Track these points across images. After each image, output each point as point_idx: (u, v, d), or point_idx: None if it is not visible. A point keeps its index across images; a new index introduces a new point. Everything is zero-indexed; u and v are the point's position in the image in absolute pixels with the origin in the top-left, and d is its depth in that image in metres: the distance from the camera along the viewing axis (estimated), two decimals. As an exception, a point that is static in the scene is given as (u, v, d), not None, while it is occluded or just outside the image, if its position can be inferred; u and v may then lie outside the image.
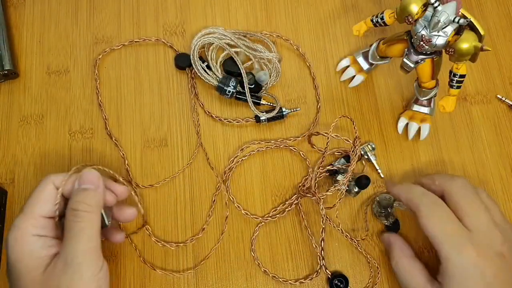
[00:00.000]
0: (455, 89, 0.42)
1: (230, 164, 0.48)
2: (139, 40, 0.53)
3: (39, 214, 0.36)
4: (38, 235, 0.36)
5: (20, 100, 0.51)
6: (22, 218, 0.36)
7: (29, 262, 0.35)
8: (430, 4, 0.38)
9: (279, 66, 0.51)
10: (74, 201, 0.37)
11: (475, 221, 0.39)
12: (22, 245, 0.35)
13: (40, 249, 0.35)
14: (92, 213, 0.36)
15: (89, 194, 0.37)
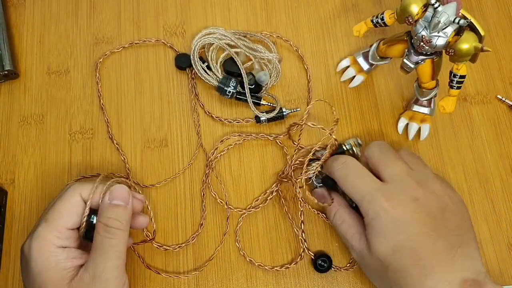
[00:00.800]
0: (455, 89, 0.42)
1: (210, 156, 0.49)
2: (139, 41, 0.53)
3: (64, 226, 0.36)
4: (62, 246, 0.35)
5: (20, 100, 0.51)
6: (46, 228, 0.35)
7: (54, 274, 0.34)
8: (430, 5, 0.38)
9: (279, 67, 0.51)
10: (105, 217, 0.36)
11: (389, 172, 0.41)
12: (47, 256, 0.35)
13: (65, 260, 0.35)
14: (123, 230, 0.36)
15: (120, 211, 0.37)
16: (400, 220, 0.38)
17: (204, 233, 0.46)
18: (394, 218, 0.38)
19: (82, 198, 0.37)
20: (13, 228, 0.47)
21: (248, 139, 0.49)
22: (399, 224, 0.38)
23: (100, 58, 0.52)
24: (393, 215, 0.38)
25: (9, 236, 0.46)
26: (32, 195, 0.48)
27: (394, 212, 0.38)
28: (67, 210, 0.37)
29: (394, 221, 0.38)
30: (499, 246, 0.46)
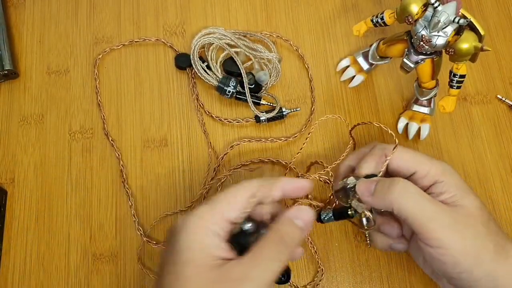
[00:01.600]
0: (455, 89, 0.42)
1: (219, 162, 0.48)
2: (139, 40, 0.53)
3: (224, 215, 0.34)
4: (214, 232, 0.33)
5: (20, 100, 0.51)
6: (207, 210, 0.34)
7: (200, 255, 0.33)
8: (430, 4, 0.38)
9: (279, 66, 0.51)
10: (284, 230, 0.34)
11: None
12: (199, 236, 0.33)
13: (214, 247, 0.33)
14: (291, 251, 0.34)
15: (298, 233, 0.35)
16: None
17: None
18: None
19: (250, 194, 0.35)
20: (12, 228, 0.47)
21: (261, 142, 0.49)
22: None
23: (99, 54, 0.52)
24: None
25: (9, 236, 0.46)
26: (32, 194, 0.48)
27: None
28: (232, 202, 0.35)
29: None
30: (499, 246, 0.46)
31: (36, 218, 0.47)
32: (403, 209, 0.34)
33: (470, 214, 0.34)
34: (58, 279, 0.45)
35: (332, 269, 0.45)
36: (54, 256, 0.46)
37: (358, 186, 0.37)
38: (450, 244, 0.33)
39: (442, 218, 0.33)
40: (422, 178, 0.36)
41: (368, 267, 0.46)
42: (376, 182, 0.36)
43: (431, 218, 0.33)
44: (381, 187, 0.35)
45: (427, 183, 0.36)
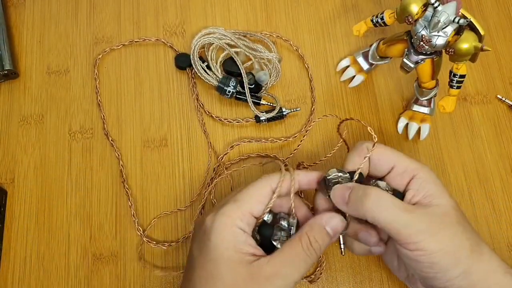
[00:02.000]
0: (455, 89, 0.42)
1: (219, 162, 0.48)
2: (139, 40, 0.53)
3: (249, 211, 0.36)
4: (242, 229, 0.35)
5: (20, 100, 0.51)
6: (233, 208, 0.35)
7: (232, 252, 0.34)
8: (430, 4, 0.38)
9: (279, 66, 0.51)
10: (313, 236, 0.36)
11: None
12: (229, 234, 0.35)
13: (242, 243, 0.35)
14: (317, 257, 0.36)
15: (327, 239, 0.36)
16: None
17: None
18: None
19: (272, 188, 0.37)
20: (13, 228, 0.47)
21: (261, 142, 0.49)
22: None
23: (99, 54, 0.52)
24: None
25: (9, 236, 0.46)
26: (32, 194, 0.48)
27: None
28: (256, 197, 0.36)
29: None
30: (499, 246, 0.46)
31: (36, 218, 0.47)
32: (377, 219, 0.34)
33: (446, 214, 0.35)
34: (58, 279, 0.45)
35: (332, 269, 0.45)
36: (54, 256, 0.46)
37: (332, 193, 0.37)
38: (428, 247, 0.33)
39: (418, 223, 0.34)
40: (401, 173, 0.37)
41: (368, 267, 0.46)
42: (350, 190, 0.36)
43: (406, 225, 0.33)
44: (354, 197, 0.35)
45: (406, 177, 0.37)
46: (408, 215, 0.34)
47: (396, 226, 0.33)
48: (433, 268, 0.33)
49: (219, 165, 0.49)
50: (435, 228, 0.34)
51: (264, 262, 0.34)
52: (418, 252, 0.33)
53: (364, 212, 0.34)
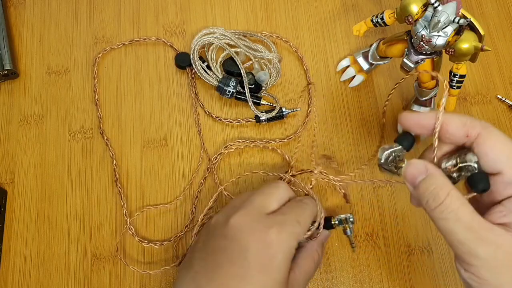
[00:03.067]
0: (455, 89, 0.42)
1: (213, 161, 0.48)
2: (139, 39, 0.53)
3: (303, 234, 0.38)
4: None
5: (20, 100, 0.51)
6: (299, 232, 0.37)
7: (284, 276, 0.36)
8: (430, 4, 0.38)
9: (279, 66, 0.51)
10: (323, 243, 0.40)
11: None
12: (290, 255, 0.36)
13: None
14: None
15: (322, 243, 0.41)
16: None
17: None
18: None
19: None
20: (12, 228, 0.47)
21: (251, 145, 0.49)
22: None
23: (99, 53, 0.52)
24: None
25: (9, 236, 0.46)
26: (32, 194, 0.48)
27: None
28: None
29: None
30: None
31: (36, 218, 0.47)
32: (443, 230, 0.29)
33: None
34: (58, 279, 0.45)
35: (332, 269, 0.45)
36: (54, 256, 0.46)
37: (404, 170, 0.31)
38: (483, 276, 0.28)
39: (483, 249, 0.28)
40: (506, 184, 0.29)
41: (368, 267, 0.46)
42: (424, 177, 0.30)
43: (462, 242, 0.28)
44: (424, 189, 0.30)
45: (508, 192, 0.29)
46: (468, 233, 0.28)
47: (451, 238, 0.29)
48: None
49: (213, 164, 0.49)
50: (501, 264, 0.28)
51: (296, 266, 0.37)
52: (470, 275, 0.29)
53: (426, 209, 0.30)
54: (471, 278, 0.29)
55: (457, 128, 0.30)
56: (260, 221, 0.35)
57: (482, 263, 0.28)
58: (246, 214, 0.36)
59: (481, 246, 0.28)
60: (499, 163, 0.29)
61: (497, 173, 0.29)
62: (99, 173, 0.48)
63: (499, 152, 0.29)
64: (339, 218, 0.42)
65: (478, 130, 0.29)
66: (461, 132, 0.30)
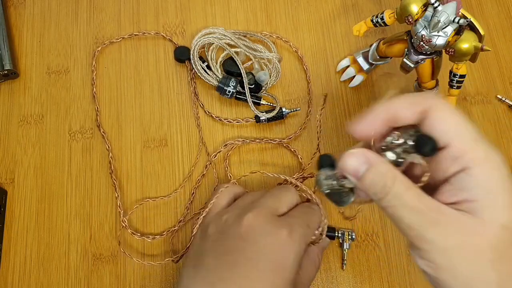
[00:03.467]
0: (455, 89, 0.42)
1: (212, 159, 0.48)
2: (139, 33, 0.53)
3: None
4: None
5: (20, 100, 0.51)
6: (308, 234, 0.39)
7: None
8: (430, 4, 0.38)
9: (279, 66, 0.51)
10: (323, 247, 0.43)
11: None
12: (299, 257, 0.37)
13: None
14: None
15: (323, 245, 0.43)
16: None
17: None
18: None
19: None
20: (12, 228, 0.47)
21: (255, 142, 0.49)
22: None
23: (98, 47, 0.52)
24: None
25: (9, 236, 0.46)
26: (32, 194, 0.48)
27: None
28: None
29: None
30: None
31: (36, 218, 0.47)
32: (392, 217, 0.28)
33: (479, 232, 0.26)
34: (58, 279, 0.45)
35: (332, 269, 0.45)
36: (54, 256, 0.46)
37: (345, 159, 0.29)
38: (435, 260, 0.27)
39: (433, 231, 0.27)
40: (453, 159, 0.27)
41: (368, 267, 0.46)
42: (367, 168, 0.28)
43: (410, 224, 0.27)
44: (370, 181, 0.28)
45: (455, 167, 0.27)
46: (417, 216, 0.27)
47: (399, 224, 0.28)
48: (439, 285, 0.27)
49: (210, 163, 0.49)
50: (452, 245, 0.26)
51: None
52: (424, 261, 0.27)
53: (374, 199, 0.29)
54: (426, 264, 0.27)
55: (406, 109, 0.28)
56: (272, 222, 0.36)
57: (432, 246, 0.26)
58: (259, 214, 0.36)
59: (429, 229, 0.26)
60: (446, 136, 0.27)
61: (444, 147, 0.27)
62: (99, 173, 0.48)
63: (447, 124, 0.27)
64: (343, 232, 0.46)
65: (424, 105, 0.28)
66: (411, 112, 0.28)
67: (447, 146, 0.27)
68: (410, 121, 0.29)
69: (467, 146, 0.27)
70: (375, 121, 0.29)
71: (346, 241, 0.45)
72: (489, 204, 0.26)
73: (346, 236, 0.45)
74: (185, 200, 0.48)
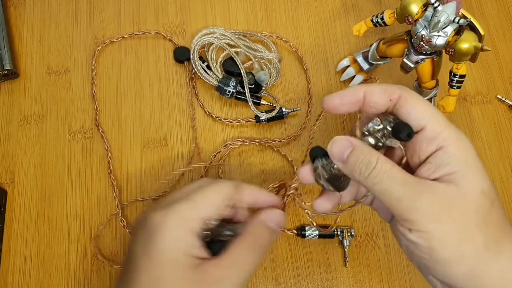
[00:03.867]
0: (455, 89, 0.42)
1: (212, 159, 0.48)
2: (139, 33, 0.53)
3: (201, 214, 0.33)
4: (194, 231, 0.33)
5: (20, 100, 0.51)
6: (189, 207, 0.33)
7: (180, 255, 0.32)
8: (430, 4, 0.38)
9: (279, 66, 0.51)
10: (258, 233, 0.34)
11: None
12: (179, 234, 0.32)
13: (191, 247, 0.32)
14: (264, 253, 0.35)
15: (271, 235, 0.35)
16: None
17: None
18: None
19: (227, 197, 0.35)
20: (12, 228, 0.47)
21: (254, 143, 0.49)
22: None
23: (98, 46, 0.52)
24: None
25: (9, 236, 0.46)
26: (32, 194, 0.48)
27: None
28: (210, 200, 0.34)
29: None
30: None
31: (36, 218, 0.47)
32: (372, 191, 0.30)
33: (462, 198, 0.28)
34: (58, 279, 0.45)
35: (332, 269, 0.45)
36: (54, 256, 0.46)
37: (330, 147, 0.31)
38: (427, 228, 0.28)
39: (417, 200, 0.28)
40: (429, 140, 0.30)
41: (368, 267, 0.46)
42: (351, 150, 0.30)
43: (400, 199, 0.28)
44: (354, 160, 0.30)
45: (431, 146, 0.30)
46: (404, 188, 0.28)
47: (388, 199, 0.29)
48: (431, 256, 0.28)
49: (210, 162, 0.49)
50: (440, 211, 0.28)
51: (212, 265, 0.32)
52: (416, 233, 0.28)
53: (361, 182, 0.30)
54: (418, 236, 0.28)
55: (379, 95, 0.31)
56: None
57: (423, 214, 0.28)
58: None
59: (418, 198, 0.28)
60: (422, 119, 0.30)
61: (420, 130, 0.30)
62: (99, 173, 0.48)
63: (421, 110, 0.30)
64: (342, 229, 0.46)
65: (399, 93, 0.31)
66: (384, 98, 0.31)
67: (423, 129, 0.30)
68: (382, 107, 0.31)
69: (441, 128, 0.30)
70: (348, 99, 0.32)
71: (346, 238, 0.45)
72: (467, 173, 0.29)
73: (345, 233, 0.45)
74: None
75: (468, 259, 0.28)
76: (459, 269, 0.28)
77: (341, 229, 0.46)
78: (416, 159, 0.31)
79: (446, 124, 0.30)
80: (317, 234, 0.45)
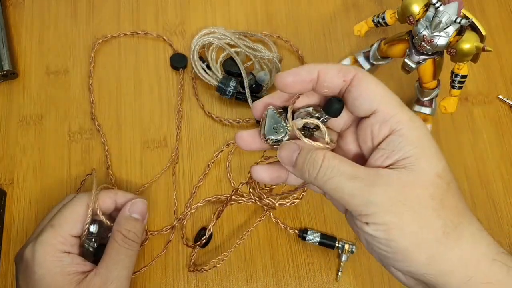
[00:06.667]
0: (457, 89, 0.42)
1: (214, 158, 0.48)
2: (140, 32, 0.53)
3: (69, 233, 0.37)
4: (66, 252, 0.37)
5: (19, 100, 0.51)
6: (51, 234, 0.37)
7: (59, 278, 0.35)
8: (431, 5, 0.38)
9: (279, 66, 0.50)
10: (125, 229, 0.38)
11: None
12: (52, 261, 0.36)
13: (69, 265, 0.36)
14: (138, 243, 0.39)
15: (138, 225, 0.39)
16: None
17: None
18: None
19: (87, 206, 0.39)
20: (12, 229, 0.46)
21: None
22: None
23: (98, 39, 0.52)
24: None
25: (8, 237, 0.46)
26: (31, 195, 0.47)
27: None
28: (72, 218, 0.38)
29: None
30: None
31: (36, 219, 0.47)
32: (323, 189, 0.29)
33: (417, 184, 0.27)
34: (57, 281, 0.45)
35: (332, 270, 0.45)
36: (54, 258, 0.46)
37: (279, 153, 0.31)
38: (382, 220, 0.27)
39: (368, 193, 0.27)
40: (381, 123, 0.29)
41: (368, 267, 0.45)
42: (298, 152, 0.30)
43: (351, 194, 0.27)
44: (302, 162, 0.29)
45: (384, 130, 0.29)
46: (355, 182, 0.27)
47: (341, 196, 0.28)
48: (391, 246, 0.27)
49: (213, 161, 0.48)
50: (395, 201, 0.27)
51: (94, 274, 0.36)
52: (373, 226, 0.27)
53: (313, 182, 0.29)
54: (377, 228, 0.27)
55: (333, 75, 0.30)
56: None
57: (378, 207, 0.27)
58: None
59: (372, 192, 0.27)
60: (374, 102, 0.29)
61: (372, 114, 0.29)
62: (99, 174, 0.48)
63: (373, 92, 0.29)
64: (343, 243, 0.45)
65: (353, 73, 0.29)
66: (338, 78, 0.30)
67: (375, 112, 0.29)
68: (335, 88, 0.30)
69: (393, 111, 0.28)
70: (301, 77, 0.30)
71: (346, 253, 0.45)
72: (421, 157, 0.28)
73: (346, 248, 0.45)
74: (185, 200, 0.47)
75: (427, 245, 0.27)
76: (419, 257, 0.27)
77: (343, 243, 0.45)
78: (370, 144, 0.30)
79: (400, 106, 0.29)
80: (318, 241, 0.45)
